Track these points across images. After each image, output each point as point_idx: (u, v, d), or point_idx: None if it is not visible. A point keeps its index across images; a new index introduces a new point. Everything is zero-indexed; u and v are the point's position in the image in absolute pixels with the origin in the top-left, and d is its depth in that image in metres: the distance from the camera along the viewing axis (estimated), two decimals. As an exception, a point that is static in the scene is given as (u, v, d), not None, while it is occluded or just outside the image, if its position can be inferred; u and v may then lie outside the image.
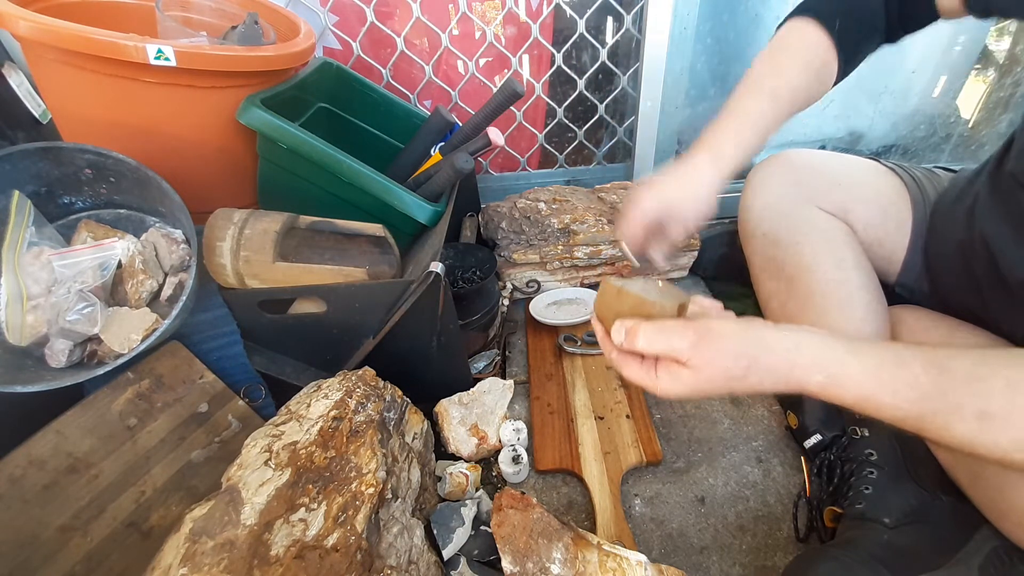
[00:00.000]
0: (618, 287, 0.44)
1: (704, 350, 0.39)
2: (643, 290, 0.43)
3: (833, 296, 0.63)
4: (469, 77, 1.05)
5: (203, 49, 0.63)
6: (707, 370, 0.39)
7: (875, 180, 0.70)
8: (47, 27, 0.55)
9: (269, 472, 0.48)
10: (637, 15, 1.00)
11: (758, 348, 0.39)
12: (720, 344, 0.39)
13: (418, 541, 0.51)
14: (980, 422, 0.36)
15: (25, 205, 0.62)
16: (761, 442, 0.71)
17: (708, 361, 0.39)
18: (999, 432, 0.36)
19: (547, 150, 1.18)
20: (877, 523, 0.53)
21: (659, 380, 0.41)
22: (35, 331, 0.60)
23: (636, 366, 0.42)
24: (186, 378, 0.67)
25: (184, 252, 0.66)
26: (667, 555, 0.60)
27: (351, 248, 0.73)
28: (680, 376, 0.40)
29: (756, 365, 0.39)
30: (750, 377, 0.39)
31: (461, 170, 0.73)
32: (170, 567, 0.42)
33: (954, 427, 0.37)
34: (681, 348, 0.39)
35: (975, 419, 0.36)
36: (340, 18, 0.97)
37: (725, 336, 0.39)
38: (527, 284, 0.97)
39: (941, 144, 1.23)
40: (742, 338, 0.39)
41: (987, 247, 0.55)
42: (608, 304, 0.45)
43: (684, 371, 0.39)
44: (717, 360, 0.39)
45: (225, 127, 0.69)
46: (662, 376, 0.41)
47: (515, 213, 0.98)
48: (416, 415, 0.64)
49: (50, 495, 0.55)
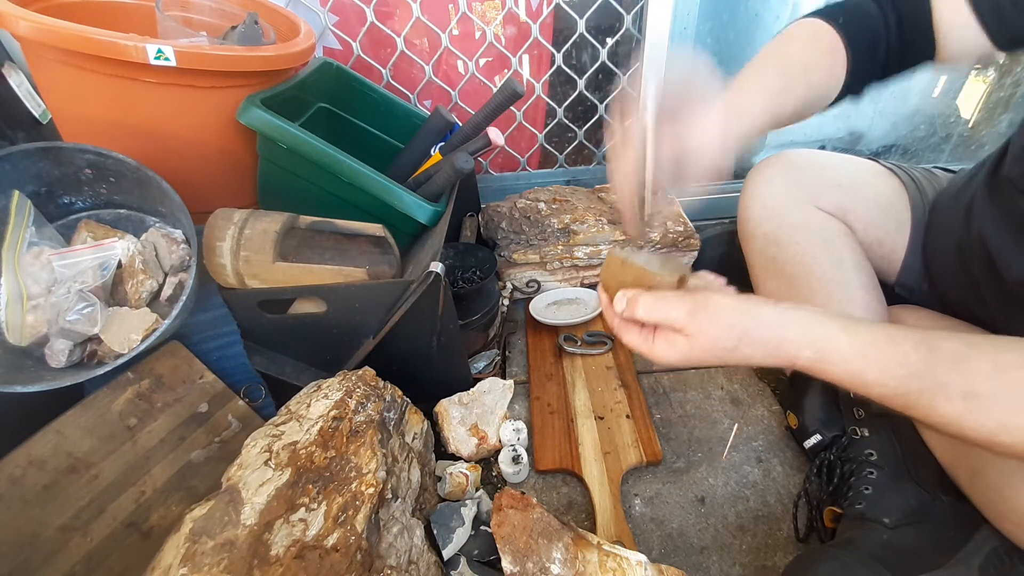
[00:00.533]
0: (622, 259, 0.47)
1: (699, 320, 0.41)
2: (646, 262, 0.46)
3: (833, 296, 0.63)
4: (469, 77, 1.05)
5: (203, 49, 0.63)
6: (700, 339, 0.41)
7: (874, 180, 0.70)
8: (47, 27, 0.55)
9: (269, 472, 0.48)
10: (637, 15, 1.00)
11: (750, 321, 0.41)
12: (714, 315, 0.41)
13: (418, 541, 0.51)
14: (966, 402, 0.36)
15: (25, 205, 0.62)
16: (761, 442, 0.71)
17: (702, 330, 0.41)
18: (984, 413, 0.36)
19: (547, 150, 1.18)
20: (877, 523, 0.53)
21: (655, 346, 0.44)
22: (35, 331, 0.60)
23: (635, 333, 0.45)
24: (186, 378, 0.67)
25: (184, 252, 0.66)
26: (667, 555, 0.60)
27: (351, 248, 0.73)
28: (676, 343, 0.42)
29: (747, 336, 0.41)
30: (741, 348, 0.41)
31: (461, 170, 0.73)
32: (170, 567, 0.42)
33: (940, 406, 0.37)
34: (677, 317, 0.42)
35: (961, 399, 0.36)
36: (340, 18, 0.97)
37: (720, 308, 0.42)
38: (527, 284, 0.97)
39: (941, 144, 1.23)
40: (736, 310, 0.42)
41: (984, 246, 0.55)
42: (613, 274, 0.48)
43: (680, 338, 0.42)
44: (710, 330, 0.41)
45: (225, 127, 0.69)
46: (659, 343, 0.44)
47: (515, 213, 0.98)
48: (416, 415, 0.64)
49: (50, 495, 0.55)
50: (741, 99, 0.53)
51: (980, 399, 0.36)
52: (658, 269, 0.45)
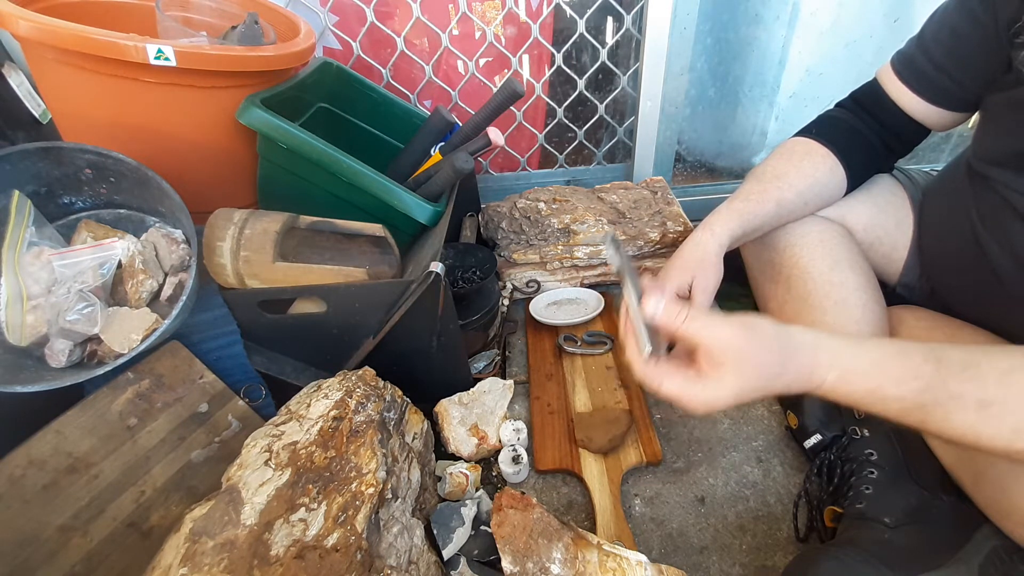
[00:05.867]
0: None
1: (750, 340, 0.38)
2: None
3: (830, 297, 0.63)
4: (469, 77, 1.05)
5: (203, 49, 0.63)
6: (747, 367, 0.38)
7: (871, 181, 0.70)
8: (47, 27, 0.55)
9: (269, 472, 0.48)
10: (637, 15, 1.00)
11: (791, 342, 0.40)
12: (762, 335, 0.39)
13: (418, 541, 0.51)
14: (980, 411, 0.36)
15: (25, 205, 0.62)
16: (761, 442, 0.71)
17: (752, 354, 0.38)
18: (999, 420, 0.36)
19: (547, 150, 1.18)
20: (877, 523, 0.53)
21: (706, 387, 0.39)
22: (35, 331, 0.60)
23: (679, 378, 0.40)
24: (186, 378, 0.67)
25: (184, 252, 0.66)
26: (667, 555, 0.60)
27: (351, 248, 0.73)
28: (723, 379, 0.39)
29: (791, 362, 0.39)
30: (785, 376, 0.39)
31: (461, 170, 0.73)
32: (170, 567, 0.42)
33: (955, 417, 0.37)
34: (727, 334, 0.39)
35: (975, 408, 0.37)
36: (340, 18, 0.97)
37: (765, 327, 0.39)
38: (527, 284, 0.97)
39: (941, 144, 1.23)
40: (778, 330, 0.40)
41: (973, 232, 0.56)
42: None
43: (726, 372, 0.38)
44: (760, 354, 0.38)
45: (225, 127, 0.69)
46: (709, 382, 0.39)
47: (515, 213, 0.98)
48: (416, 415, 0.64)
49: (50, 495, 0.55)
50: (713, 216, 0.65)
51: (993, 406, 0.36)
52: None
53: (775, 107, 1.13)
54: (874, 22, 1.01)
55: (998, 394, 0.36)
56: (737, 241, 0.64)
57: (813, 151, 0.64)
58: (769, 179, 0.64)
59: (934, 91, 0.58)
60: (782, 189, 0.63)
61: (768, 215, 0.63)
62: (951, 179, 0.62)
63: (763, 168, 0.66)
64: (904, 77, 0.59)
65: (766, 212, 0.63)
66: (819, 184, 0.64)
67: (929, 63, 0.57)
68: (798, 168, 0.64)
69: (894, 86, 0.61)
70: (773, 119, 1.14)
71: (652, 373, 0.42)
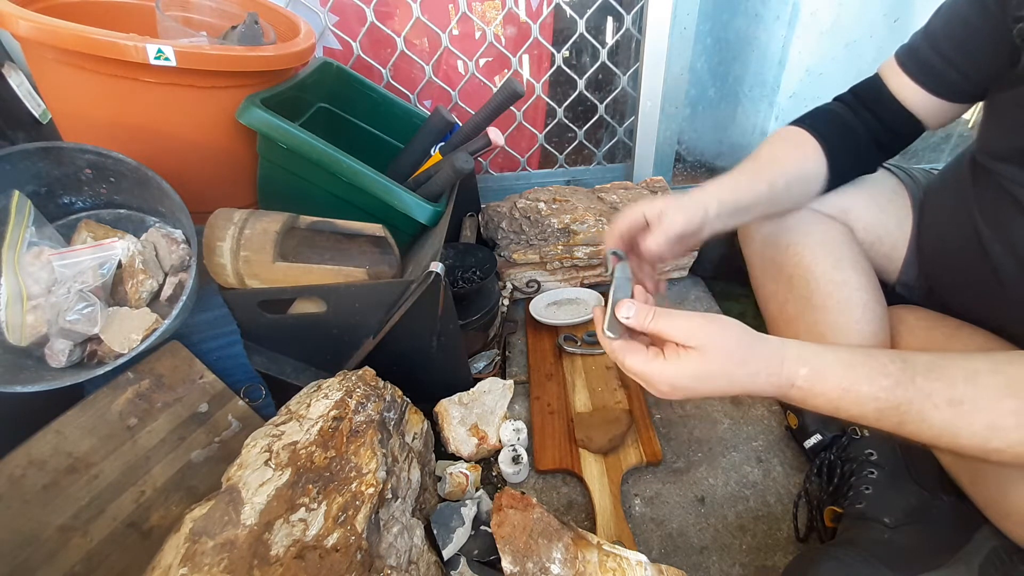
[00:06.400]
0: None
1: (711, 330, 0.41)
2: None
3: (832, 297, 0.63)
4: (469, 77, 1.05)
5: (203, 49, 0.63)
6: (712, 353, 0.41)
7: (872, 179, 0.70)
8: (47, 27, 0.55)
9: (269, 472, 0.48)
10: (637, 15, 1.00)
11: (754, 336, 0.42)
12: (725, 326, 0.42)
13: (418, 541, 0.51)
14: (952, 408, 0.38)
15: (25, 205, 0.62)
16: (761, 442, 0.71)
17: (714, 343, 0.41)
18: (971, 417, 0.37)
19: (547, 150, 1.18)
20: (877, 523, 0.53)
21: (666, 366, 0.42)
22: (35, 331, 0.60)
23: (640, 355, 0.44)
24: (186, 378, 0.67)
25: (184, 252, 0.66)
26: (667, 555, 0.60)
27: (351, 248, 0.73)
28: (687, 359, 0.41)
29: (753, 352, 0.41)
30: (750, 363, 0.41)
31: (461, 170, 0.73)
32: (170, 567, 0.42)
33: (931, 416, 0.38)
34: (690, 325, 0.42)
35: (947, 405, 0.38)
36: (340, 18, 0.97)
37: (728, 321, 0.43)
38: (527, 284, 0.97)
39: (941, 144, 1.23)
40: (741, 326, 0.43)
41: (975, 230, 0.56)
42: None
43: (692, 353, 0.41)
44: (723, 342, 0.41)
45: (225, 127, 0.69)
46: (669, 362, 0.42)
47: (515, 213, 0.98)
48: (416, 415, 0.64)
49: (50, 495, 0.55)
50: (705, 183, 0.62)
51: (964, 404, 0.37)
52: None
53: (775, 107, 1.13)
54: (874, 22, 1.01)
55: (967, 392, 0.38)
56: (727, 211, 0.60)
57: (805, 142, 0.64)
58: (765, 161, 0.64)
59: (939, 82, 0.57)
60: (775, 173, 0.63)
61: (760, 194, 0.62)
62: (953, 177, 0.62)
63: (758, 152, 0.65)
64: (908, 68, 0.59)
65: (759, 192, 0.62)
66: (806, 174, 0.64)
67: (936, 54, 0.56)
68: (791, 156, 0.64)
69: (897, 79, 0.60)
70: (773, 119, 1.14)
71: (617, 347, 0.45)
